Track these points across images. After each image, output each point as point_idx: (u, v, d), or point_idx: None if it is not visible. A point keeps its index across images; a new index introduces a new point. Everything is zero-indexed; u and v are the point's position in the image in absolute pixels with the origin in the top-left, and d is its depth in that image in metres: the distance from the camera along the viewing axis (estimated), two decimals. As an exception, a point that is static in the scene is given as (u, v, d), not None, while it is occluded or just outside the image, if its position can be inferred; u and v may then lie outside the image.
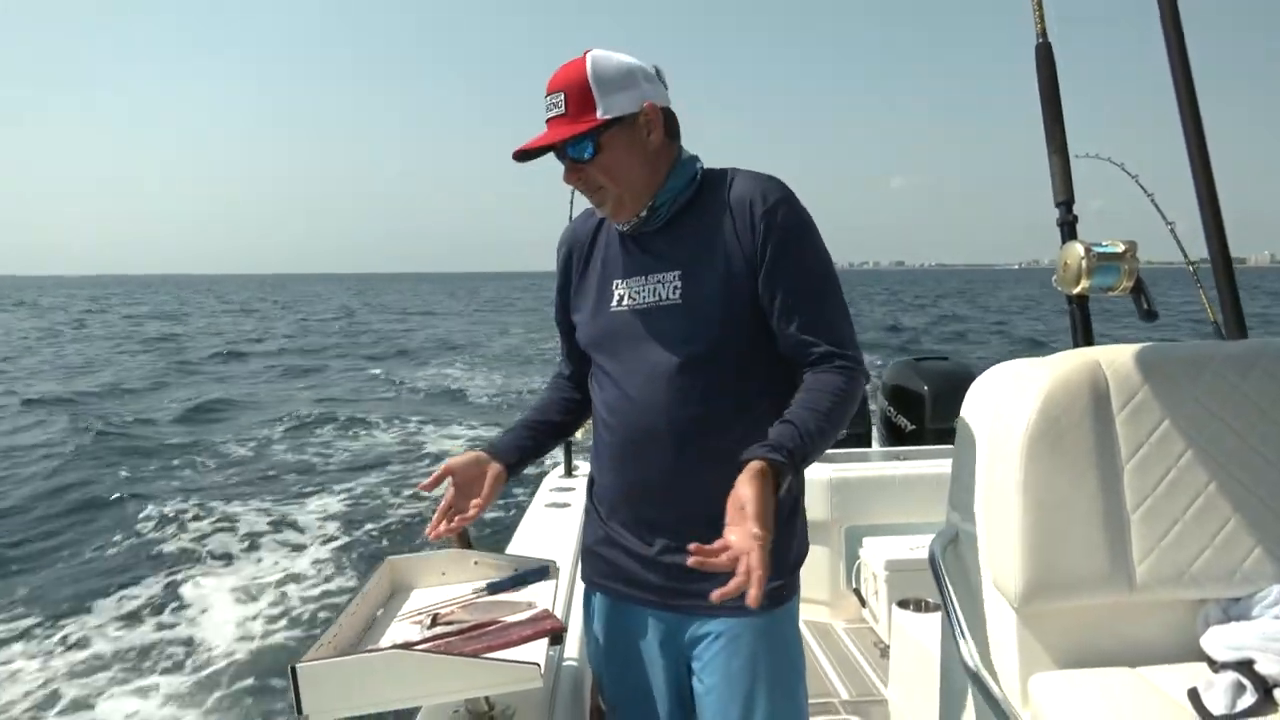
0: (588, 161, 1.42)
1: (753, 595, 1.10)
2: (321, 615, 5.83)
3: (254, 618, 5.82)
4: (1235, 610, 1.50)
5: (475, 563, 1.73)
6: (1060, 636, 1.54)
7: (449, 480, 1.53)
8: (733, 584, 1.12)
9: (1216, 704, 1.33)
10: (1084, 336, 1.89)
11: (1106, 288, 1.76)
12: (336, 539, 7.56)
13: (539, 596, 1.61)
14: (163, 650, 5.32)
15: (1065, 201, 1.91)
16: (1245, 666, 1.38)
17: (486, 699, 1.48)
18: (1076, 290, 1.78)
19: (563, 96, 1.40)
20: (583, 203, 1.55)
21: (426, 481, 1.53)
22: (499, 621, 1.49)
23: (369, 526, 7.90)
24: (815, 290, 1.43)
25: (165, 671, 5.04)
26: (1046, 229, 1.95)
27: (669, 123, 1.47)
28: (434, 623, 1.51)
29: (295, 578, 6.57)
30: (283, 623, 5.75)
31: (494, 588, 1.65)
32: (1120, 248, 1.74)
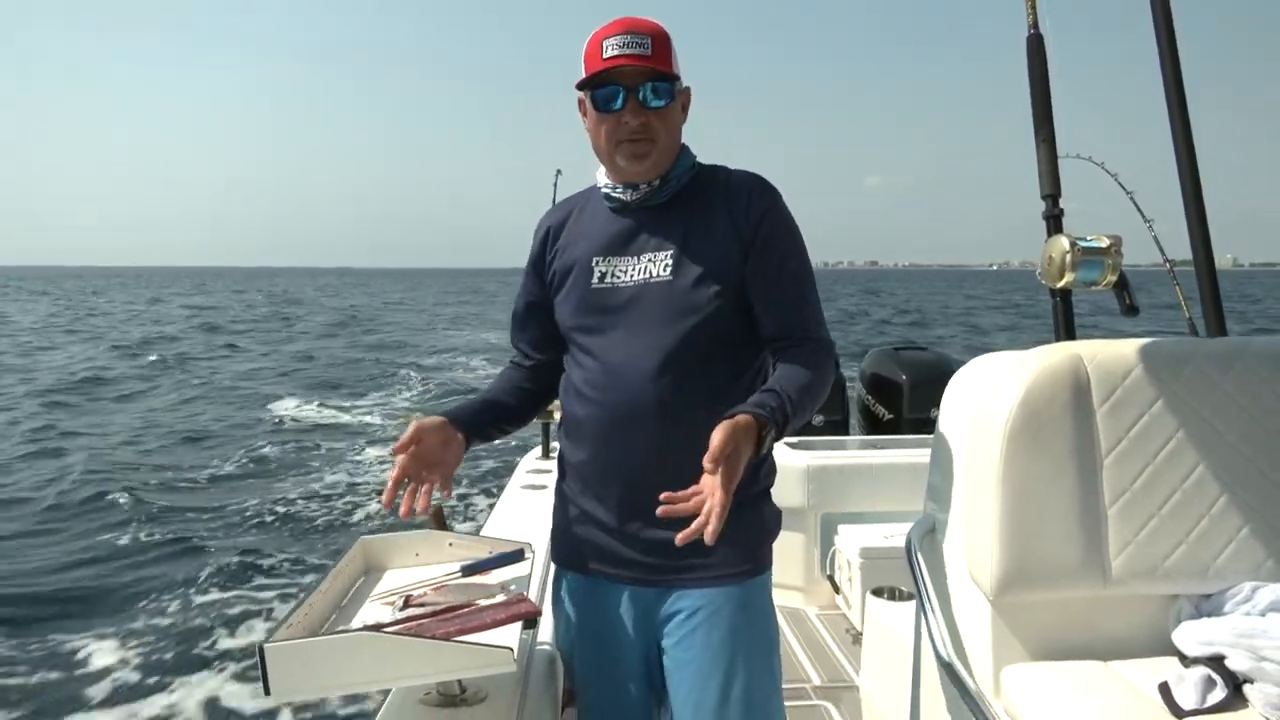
0: (656, 110, 1.45)
1: (709, 531, 1.15)
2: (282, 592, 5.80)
3: (218, 594, 5.77)
4: (1207, 606, 1.51)
5: (450, 544, 1.70)
6: (1034, 628, 1.54)
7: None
8: (694, 525, 1.17)
9: (1187, 698, 1.34)
10: (1066, 330, 1.89)
11: (1090, 282, 1.76)
12: (311, 515, 7.51)
13: (514, 579, 1.59)
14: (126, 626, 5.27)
15: (1052, 195, 1.91)
16: (1216, 662, 1.39)
17: (459, 682, 1.46)
18: (1060, 284, 1.77)
19: (649, 40, 1.43)
20: (564, 191, 1.56)
21: (399, 443, 1.42)
22: (473, 604, 1.47)
23: (343, 502, 7.86)
24: (800, 280, 1.50)
25: (129, 646, 4.99)
26: (1019, 232, 1.95)
27: None
28: (406, 604, 1.48)
29: (262, 554, 6.52)
30: (249, 600, 5.71)
31: (468, 570, 1.63)
32: (1105, 243, 1.74)
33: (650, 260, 1.49)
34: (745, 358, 1.51)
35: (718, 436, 1.21)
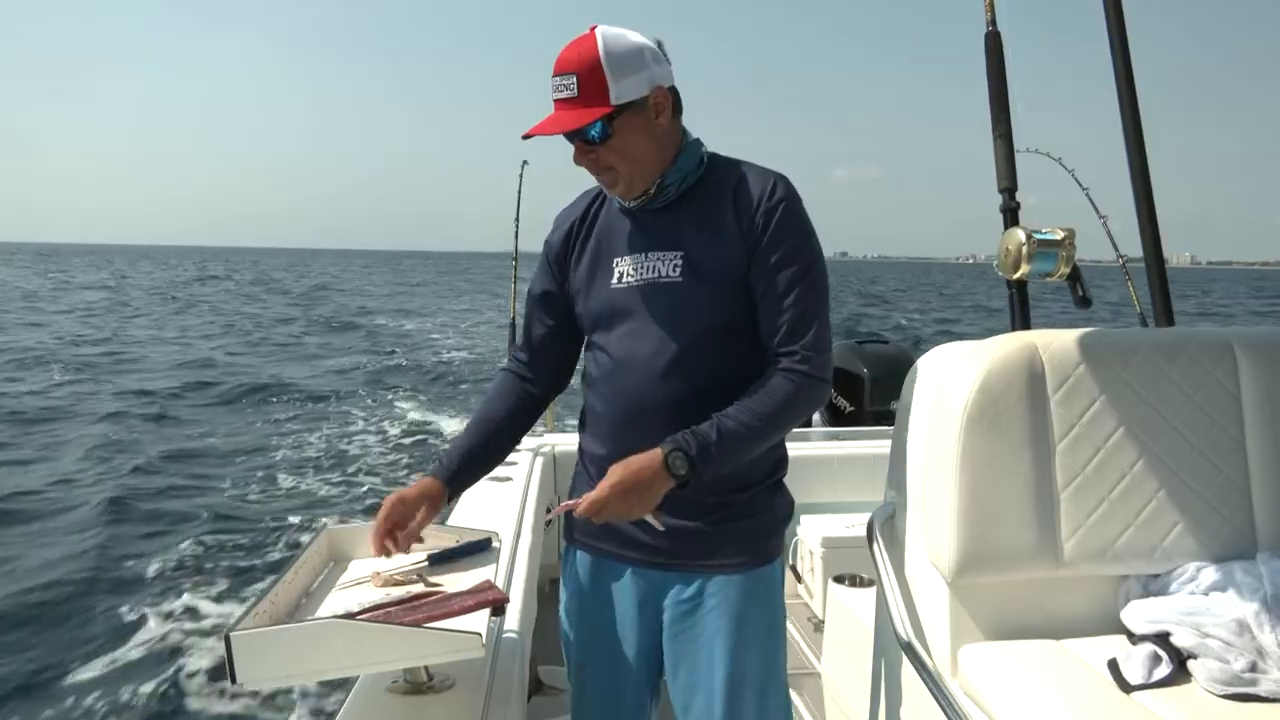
0: (599, 144, 1.43)
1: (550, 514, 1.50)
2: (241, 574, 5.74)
3: (181, 583, 5.69)
4: (1154, 586, 1.57)
5: None
6: (989, 609, 1.59)
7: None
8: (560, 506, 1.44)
9: (1134, 674, 1.39)
10: (1022, 320, 1.94)
11: (1045, 274, 1.80)
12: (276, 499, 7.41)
13: (481, 568, 1.60)
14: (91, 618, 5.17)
15: (1008, 188, 1.95)
16: (1162, 639, 1.44)
17: (426, 669, 1.47)
18: (1016, 275, 1.82)
19: (574, 79, 1.40)
20: (532, 181, 1.55)
21: (377, 529, 1.48)
22: (441, 592, 1.48)
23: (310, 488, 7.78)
24: (801, 293, 1.46)
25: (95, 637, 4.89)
26: (985, 226, 1.99)
27: (675, 102, 1.49)
28: (384, 583, 1.50)
29: (225, 546, 6.42)
30: (213, 589, 5.64)
31: (436, 559, 1.64)
32: (1060, 235, 1.79)
33: (660, 261, 1.50)
34: (755, 357, 1.51)
35: (621, 466, 1.39)
